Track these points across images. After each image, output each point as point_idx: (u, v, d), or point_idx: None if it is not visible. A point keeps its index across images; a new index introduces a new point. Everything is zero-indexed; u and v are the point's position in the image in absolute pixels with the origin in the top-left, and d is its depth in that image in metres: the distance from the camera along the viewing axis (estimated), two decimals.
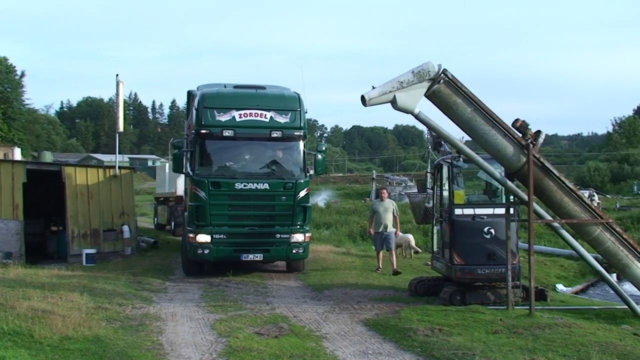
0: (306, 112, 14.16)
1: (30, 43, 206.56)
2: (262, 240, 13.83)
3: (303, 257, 14.41)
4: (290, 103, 14.09)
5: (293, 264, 14.90)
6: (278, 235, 13.78)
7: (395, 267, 14.75)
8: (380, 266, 15.11)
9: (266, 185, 13.63)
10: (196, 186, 13.62)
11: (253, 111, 13.69)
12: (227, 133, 13.49)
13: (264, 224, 13.80)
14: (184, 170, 14.23)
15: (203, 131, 13.56)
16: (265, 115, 13.71)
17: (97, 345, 7.85)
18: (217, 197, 13.53)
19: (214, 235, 13.56)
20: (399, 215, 15.53)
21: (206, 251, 13.59)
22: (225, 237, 13.62)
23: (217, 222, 13.61)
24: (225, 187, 13.54)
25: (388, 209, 14.95)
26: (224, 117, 13.56)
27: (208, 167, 13.85)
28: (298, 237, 13.88)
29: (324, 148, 14.95)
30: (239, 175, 13.73)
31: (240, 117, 13.62)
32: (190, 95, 15.76)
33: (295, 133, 13.91)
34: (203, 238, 13.56)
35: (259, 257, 13.86)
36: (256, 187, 13.58)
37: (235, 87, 14.72)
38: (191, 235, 13.72)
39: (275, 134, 13.69)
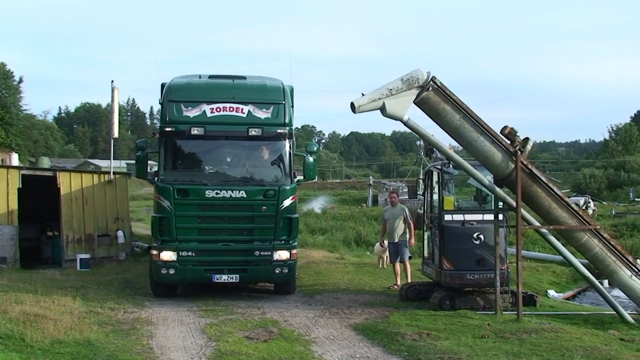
0: (292, 106, 12.31)
1: (29, 49, 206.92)
2: (238, 259, 11.84)
3: (288, 279, 12.31)
4: (272, 95, 12.09)
5: (281, 285, 12.71)
6: (258, 253, 11.80)
7: (405, 280, 13.22)
8: (398, 282, 13.27)
9: (243, 193, 11.70)
10: (160, 194, 11.71)
11: (227, 105, 11.76)
12: (195, 131, 11.56)
13: (241, 239, 11.85)
14: (147, 176, 12.35)
15: (168, 129, 11.67)
16: (242, 109, 11.78)
17: (88, 349, 7.94)
18: (184, 207, 11.60)
19: (180, 253, 11.57)
20: (413, 222, 13.54)
21: (171, 271, 11.58)
22: (193, 254, 11.65)
23: (184, 237, 11.65)
24: (193, 195, 11.65)
25: (399, 216, 13.27)
26: (192, 112, 11.68)
27: (174, 171, 11.99)
28: (282, 255, 11.83)
29: (314, 149, 12.83)
30: (210, 181, 11.83)
31: (212, 112, 11.71)
32: (163, 88, 13.30)
33: (279, 130, 11.84)
34: (167, 256, 11.56)
35: (234, 278, 11.80)
36: (231, 195, 11.65)
37: (210, 77, 12.81)
38: (154, 252, 11.85)
39: (253, 132, 11.68)
